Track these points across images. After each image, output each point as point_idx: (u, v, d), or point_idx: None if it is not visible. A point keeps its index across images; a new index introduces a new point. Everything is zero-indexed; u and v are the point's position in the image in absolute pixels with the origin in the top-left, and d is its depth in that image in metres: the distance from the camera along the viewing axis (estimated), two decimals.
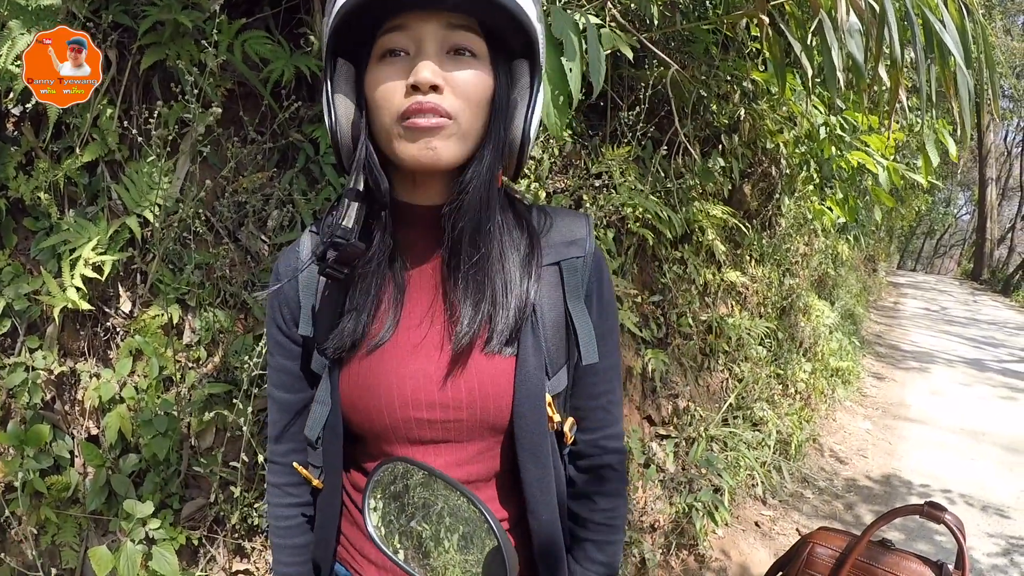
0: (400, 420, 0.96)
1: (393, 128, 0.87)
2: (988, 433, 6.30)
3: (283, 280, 1.03)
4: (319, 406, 1.01)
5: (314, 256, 0.95)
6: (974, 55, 2.43)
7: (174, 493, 2.12)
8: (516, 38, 0.91)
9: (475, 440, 0.98)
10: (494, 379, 0.95)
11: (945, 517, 1.37)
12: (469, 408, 0.95)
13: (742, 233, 4.82)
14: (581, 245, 1.02)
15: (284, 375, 1.08)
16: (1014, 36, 21.17)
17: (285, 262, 1.05)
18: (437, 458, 0.97)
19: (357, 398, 0.97)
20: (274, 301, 1.06)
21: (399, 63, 0.87)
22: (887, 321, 13.20)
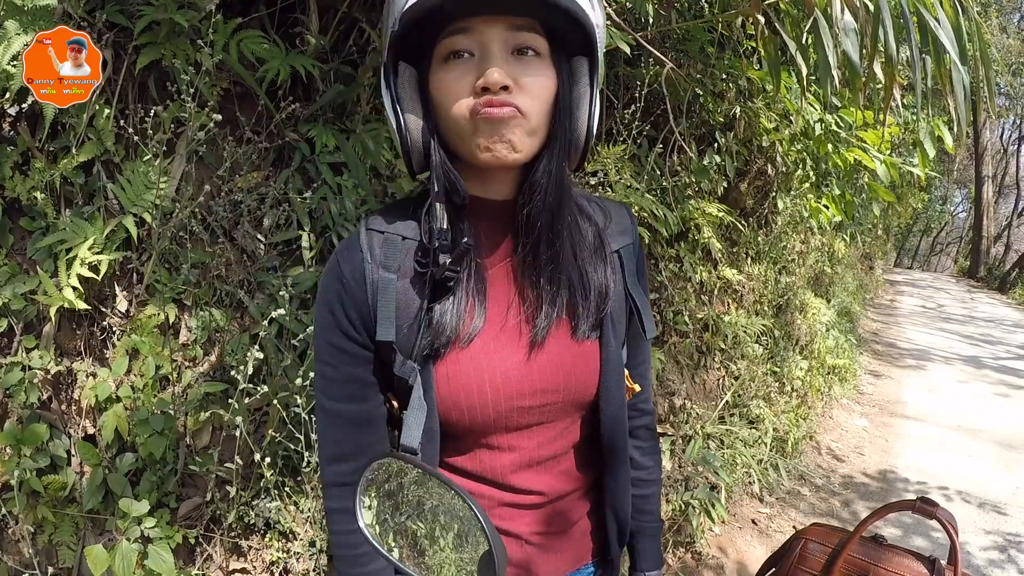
0: (504, 411, 1.00)
1: (465, 126, 0.89)
2: (985, 430, 6.31)
3: (351, 284, 0.97)
4: (415, 412, 0.96)
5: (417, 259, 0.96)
6: (969, 52, 2.44)
7: (170, 492, 2.12)
8: (576, 36, 0.92)
9: (563, 418, 1.06)
10: (585, 361, 1.03)
11: (937, 513, 1.37)
12: (565, 391, 1.02)
13: (738, 231, 4.82)
14: (630, 233, 1.12)
15: (352, 385, 1.01)
16: (1010, 34, 21.18)
17: (350, 265, 0.97)
18: (530, 440, 1.04)
19: (459, 396, 0.98)
20: (336, 306, 0.98)
21: (465, 65, 0.88)
22: (884, 319, 13.22)
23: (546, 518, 1.10)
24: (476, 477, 1.05)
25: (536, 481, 1.07)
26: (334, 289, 0.98)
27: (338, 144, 2.32)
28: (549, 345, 1.01)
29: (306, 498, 2.23)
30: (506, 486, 1.06)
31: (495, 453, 1.04)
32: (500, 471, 1.05)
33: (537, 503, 1.08)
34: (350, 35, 2.48)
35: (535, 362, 1.00)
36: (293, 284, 2.21)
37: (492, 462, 1.04)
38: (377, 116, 2.48)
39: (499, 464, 1.04)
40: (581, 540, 1.16)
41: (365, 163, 2.37)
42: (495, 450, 1.04)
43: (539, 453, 1.05)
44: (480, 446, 1.04)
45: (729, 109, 4.04)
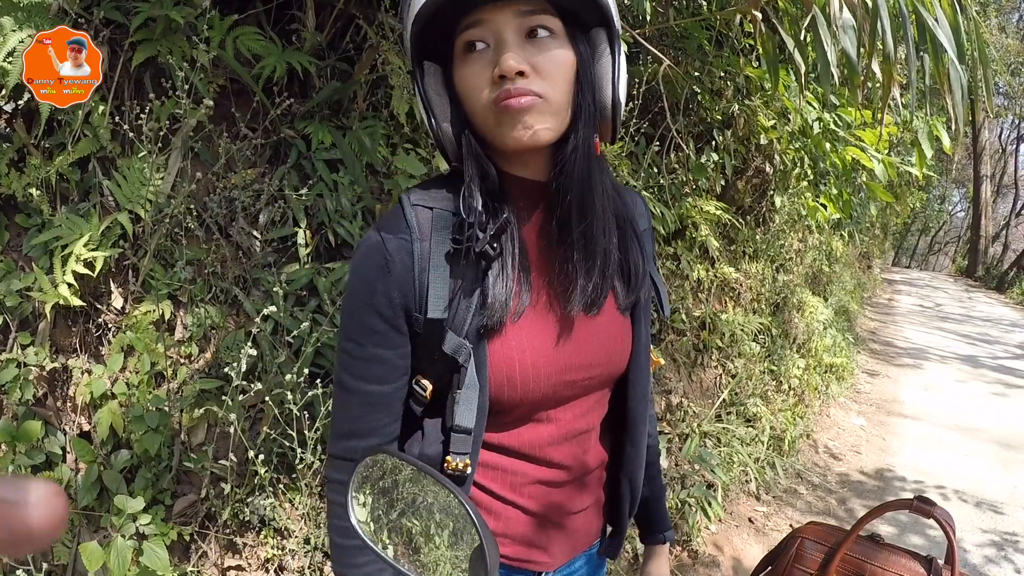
0: (555, 384, 1.01)
1: (489, 116, 0.91)
2: (982, 429, 6.32)
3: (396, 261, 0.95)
4: (469, 390, 0.96)
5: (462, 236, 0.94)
6: (967, 51, 2.44)
7: (165, 489, 2.12)
8: (589, 10, 0.94)
9: (596, 391, 1.10)
10: (621, 336, 1.08)
11: (935, 512, 1.37)
12: (604, 365, 1.06)
13: (736, 229, 4.83)
14: (647, 218, 1.19)
15: (377, 366, 0.98)
16: (1009, 33, 21.20)
17: (395, 241, 0.95)
18: (568, 412, 1.07)
19: (514, 372, 0.98)
20: (377, 284, 0.95)
21: (482, 55, 0.91)
22: (881, 318, 13.23)
23: (571, 495, 1.12)
24: (514, 452, 1.06)
25: (568, 455, 1.09)
26: (376, 265, 0.95)
27: (334, 141, 2.31)
28: (590, 320, 1.04)
29: (301, 495, 2.23)
30: (542, 460, 1.07)
31: (535, 426, 1.05)
32: (540, 444, 1.06)
33: (565, 479, 1.10)
34: (347, 32, 2.47)
35: (579, 336, 1.03)
36: (288, 281, 2.21)
37: (533, 435, 1.05)
38: (373, 113, 2.48)
39: (540, 437, 1.06)
40: (597, 517, 1.21)
41: (361, 160, 2.36)
42: (535, 423, 1.05)
43: (575, 426, 1.08)
44: (525, 421, 1.05)
45: (727, 107, 4.04)
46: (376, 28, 2.37)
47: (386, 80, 2.42)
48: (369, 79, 2.42)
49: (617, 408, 1.15)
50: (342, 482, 0.97)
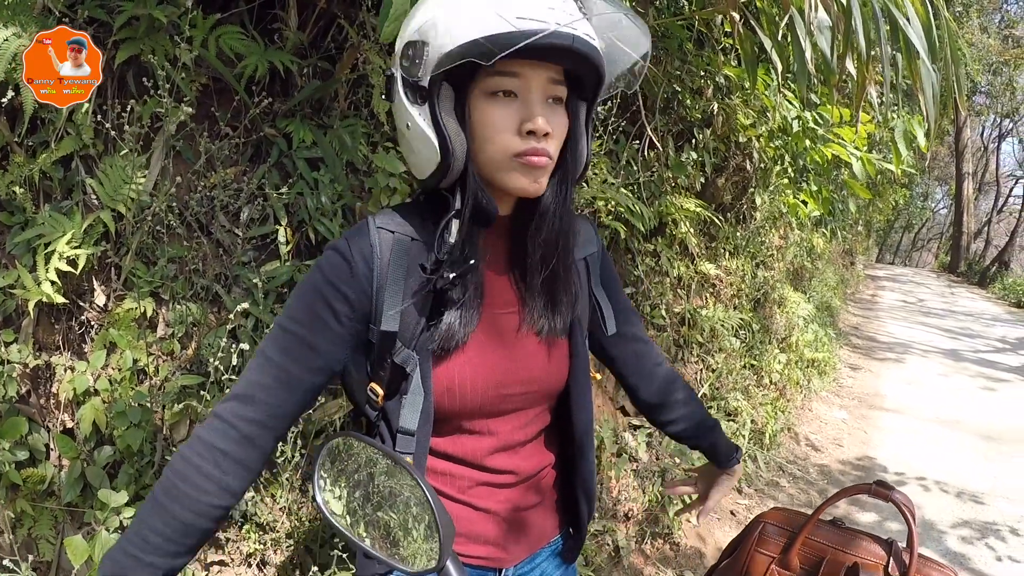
0: (491, 398, 1.10)
1: (505, 163, 1.00)
2: (963, 422, 6.42)
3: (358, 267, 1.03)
4: (414, 396, 1.04)
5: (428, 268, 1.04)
6: (940, 51, 2.48)
7: (148, 485, 2.13)
8: (590, 79, 1.03)
9: (535, 406, 1.19)
10: (560, 356, 1.18)
11: (893, 495, 1.40)
12: (540, 382, 1.15)
13: (716, 226, 4.87)
14: (595, 243, 1.28)
15: (308, 352, 1.03)
16: (990, 34, 21.35)
17: (360, 252, 1.04)
18: (507, 425, 1.15)
19: (453, 383, 1.07)
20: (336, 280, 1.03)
21: (509, 103, 0.98)
22: (864, 313, 13.34)
23: (518, 496, 1.20)
24: (456, 459, 1.14)
25: (509, 463, 1.17)
26: (340, 265, 1.04)
27: (315, 139, 2.33)
28: (531, 342, 1.14)
29: (282, 489, 2.25)
30: (483, 467, 1.15)
31: (476, 437, 1.13)
32: (479, 454, 1.14)
33: (510, 482, 1.18)
34: (328, 31, 2.49)
35: (519, 357, 1.13)
36: (269, 278, 2.23)
37: (472, 445, 1.13)
38: (354, 111, 2.50)
39: (479, 447, 1.14)
40: (550, 515, 1.29)
41: (342, 158, 2.38)
42: (476, 435, 1.13)
43: (514, 437, 1.16)
44: (463, 431, 1.13)
45: (707, 105, 4.08)
46: (357, 28, 2.38)
47: (367, 79, 2.44)
48: (350, 78, 2.44)
49: (564, 422, 1.25)
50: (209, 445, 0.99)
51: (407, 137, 1.02)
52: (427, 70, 0.95)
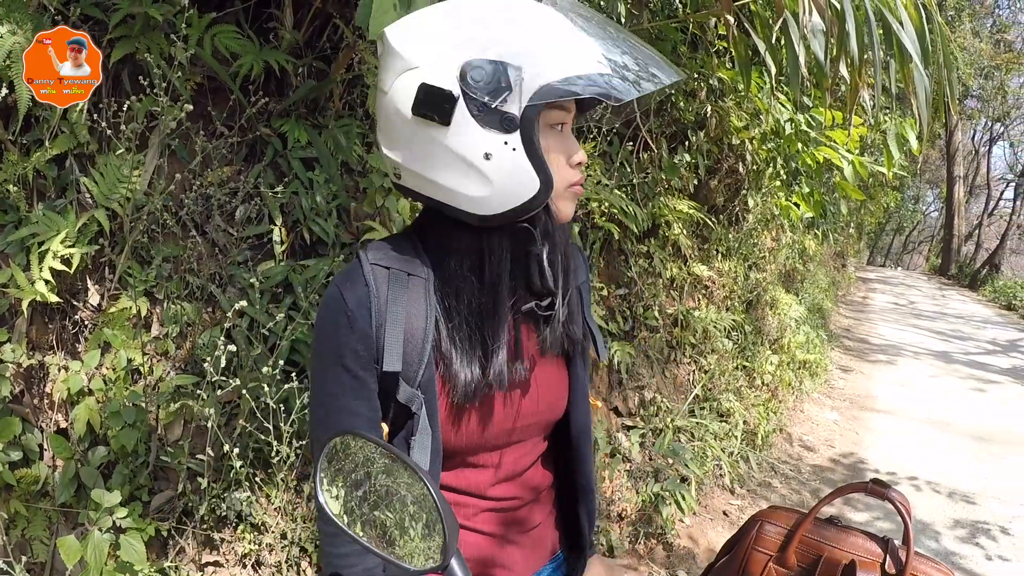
0: (495, 433, 1.09)
1: (562, 192, 1.03)
2: (954, 423, 6.45)
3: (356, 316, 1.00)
4: (422, 435, 1.01)
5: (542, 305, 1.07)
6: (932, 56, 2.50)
7: (143, 485, 2.13)
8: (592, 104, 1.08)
9: (535, 435, 1.18)
10: (560, 385, 1.17)
11: (890, 494, 1.41)
12: (545, 412, 1.15)
13: (709, 228, 4.89)
14: (584, 270, 1.25)
15: (353, 418, 1.02)
16: (983, 38, 21.46)
17: (354, 297, 1.00)
18: (508, 456, 1.14)
19: (460, 420, 1.06)
20: (343, 339, 1.00)
21: (560, 136, 1.01)
22: (856, 315, 13.39)
23: (524, 516, 1.20)
24: (460, 491, 1.13)
25: (510, 491, 1.16)
26: (339, 322, 1.00)
27: (310, 139, 2.33)
28: (537, 372, 1.13)
29: (277, 489, 2.25)
30: (486, 497, 1.14)
31: (478, 471, 1.13)
32: (482, 486, 1.13)
33: (515, 507, 1.18)
34: (324, 31, 2.49)
35: (522, 389, 1.11)
36: (264, 278, 2.23)
37: (475, 478, 1.12)
38: (349, 111, 2.50)
39: (481, 480, 1.13)
40: (552, 533, 1.28)
41: (337, 158, 2.39)
42: (478, 468, 1.12)
43: (515, 467, 1.16)
44: (466, 464, 1.12)
45: (700, 108, 4.10)
46: (353, 27, 2.39)
47: (362, 79, 2.44)
48: (345, 78, 2.44)
49: (565, 447, 1.24)
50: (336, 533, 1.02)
51: (480, 167, 0.94)
52: (520, 98, 0.92)
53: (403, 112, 0.94)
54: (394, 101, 0.95)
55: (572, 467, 1.25)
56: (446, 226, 1.03)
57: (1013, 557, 3.99)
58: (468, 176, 0.95)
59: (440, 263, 1.04)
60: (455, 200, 0.97)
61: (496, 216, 0.98)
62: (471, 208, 0.97)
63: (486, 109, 0.92)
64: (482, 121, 0.92)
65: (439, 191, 0.98)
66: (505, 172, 0.94)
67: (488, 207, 0.97)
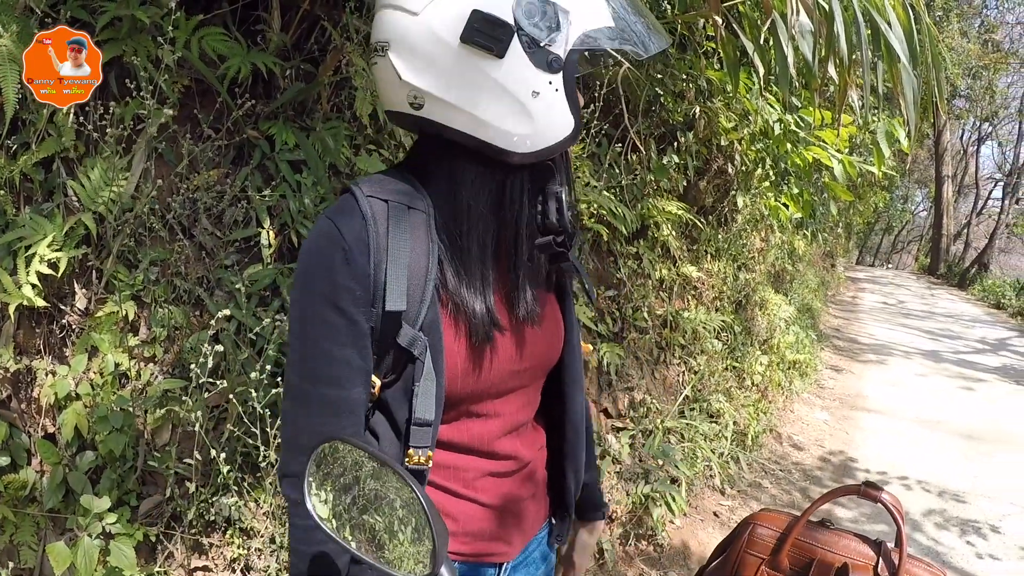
0: (503, 375, 1.06)
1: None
2: (944, 422, 6.49)
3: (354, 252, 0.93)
4: (427, 382, 0.96)
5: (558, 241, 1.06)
6: (920, 56, 2.52)
7: (131, 490, 2.11)
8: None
9: (535, 382, 1.16)
10: (557, 325, 1.15)
11: (882, 497, 1.42)
12: (545, 354, 1.13)
13: (698, 229, 4.90)
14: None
15: (342, 367, 0.95)
16: (971, 38, 21.59)
17: (351, 232, 0.94)
18: (511, 404, 1.11)
19: (467, 364, 1.01)
20: (338, 277, 0.93)
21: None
22: (845, 315, 13.44)
23: (519, 485, 1.16)
24: (462, 448, 1.07)
25: (514, 446, 1.13)
26: (334, 258, 0.93)
27: (298, 142, 2.33)
28: (536, 312, 1.09)
29: (265, 493, 2.24)
30: (490, 453, 1.10)
31: (482, 421, 1.08)
32: (487, 438, 1.09)
33: (513, 469, 1.14)
34: (312, 33, 2.49)
35: (525, 328, 1.08)
36: (252, 281, 2.22)
37: (479, 430, 1.08)
38: (337, 114, 2.50)
39: (486, 431, 1.08)
40: (542, 501, 1.25)
41: (324, 161, 2.38)
42: (482, 417, 1.08)
43: (517, 417, 1.12)
44: (469, 415, 1.07)
45: (689, 109, 4.11)
46: (340, 30, 2.39)
47: (350, 82, 2.44)
48: (333, 80, 2.44)
49: (555, 395, 1.21)
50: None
51: (527, 105, 0.93)
52: (566, 40, 0.92)
53: (445, 38, 0.90)
54: (431, 25, 0.90)
55: (562, 420, 1.22)
56: (459, 161, 0.99)
57: (1004, 555, 4.02)
58: (514, 112, 0.93)
59: (448, 198, 1.00)
60: (492, 134, 0.94)
61: (531, 154, 0.96)
62: (507, 144, 0.94)
63: (536, 47, 0.91)
64: (532, 58, 0.91)
65: (476, 124, 0.93)
66: (547, 112, 0.94)
67: (525, 145, 0.95)
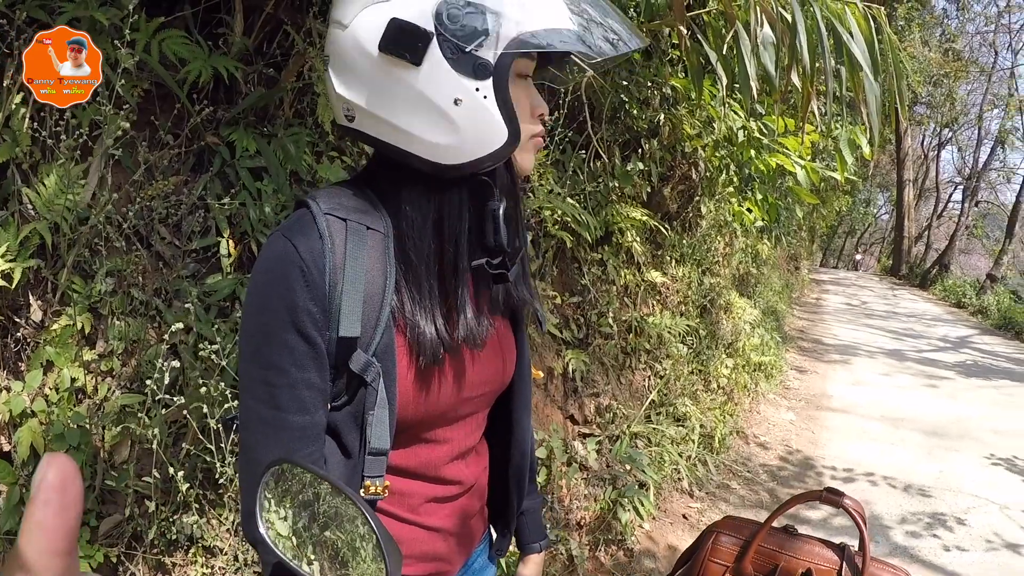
0: (455, 403, 1.03)
1: (526, 143, 1.00)
2: (908, 419, 6.65)
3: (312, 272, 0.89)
4: (381, 410, 0.93)
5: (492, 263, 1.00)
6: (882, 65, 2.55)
7: (90, 510, 2.05)
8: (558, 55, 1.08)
9: (487, 407, 1.14)
10: (510, 350, 1.13)
11: (844, 502, 1.44)
12: (497, 381, 1.11)
13: (662, 235, 4.93)
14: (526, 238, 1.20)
15: (305, 392, 0.91)
16: (932, 47, 22.04)
17: (309, 251, 0.89)
18: (460, 430, 1.08)
19: (420, 390, 0.98)
20: (296, 298, 0.89)
21: (526, 87, 0.99)
22: (810, 316, 13.65)
23: (464, 506, 1.15)
24: (410, 473, 1.05)
25: (460, 472, 1.11)
26: (292, 278, 0.89)
27: (259, 148, 2.29)
28: (493, 335, 1.07)
29: (226, 510, 2.20)
30: (436, 479, 1.08)
31: (432, 447, 1.05)
32: (434, 464, 1.06)
33: (457, 494, 1.12)
34: (275, 38, 2.46)
35: (478, 354, 1.05)
36: (211, 292, 2.18)
37: (428, 456, 1.05)
38: (299, 120, 2.47)
39: (434, 457, 1.06)
40: (482, 519, 1.24)
41: (286, 168, 2.35)
42: (432, 443, 1.05)
43: (466, 443, 1.10)
44: (420, 440, 1.04)
45: (654, 116, 4.14)
46: (304, 35, 2.36)
47: (312, 87, 2.41)
48: (295, 86, 2.41)
49: (502, 419, 1.20)
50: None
51: (449, 113, 0.89)
52: (496, 44, 0.88)
53: (367, 49, 0.88)
54: (356, 36, 0.89)
55: (508, 443, 1.20)
56: (400, 175, 0.96)
57: (971, 547, 4.12)
58: (434, 122, 0.90)
59: (399, 216, 0.97)
60: (417, 147, 0.91)
61: (459, 166, 0.93)
62: (433, 156, 0.92)
63: (460, 52, 0.88)
64: (455, 65, 0.88)
65: (400, 136, 0.91)
66: (474, 121, 0.90)
67: (453, 156, 0.92)
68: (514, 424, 1.19)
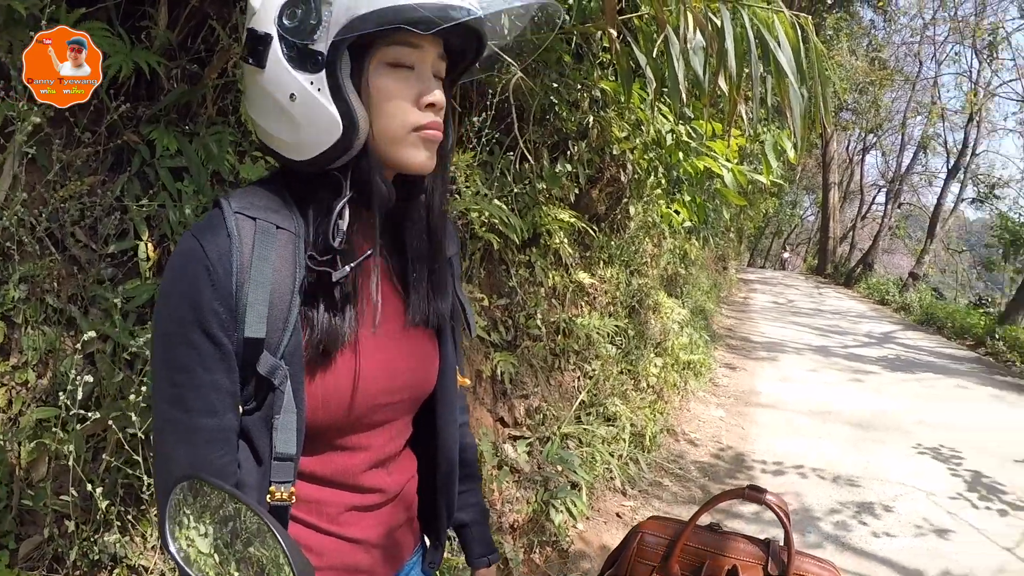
0: (368, 409, 1.01)
1: (404, 137, 0.95)
2: (835, 413, 6.87)
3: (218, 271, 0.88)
4: (288, 415, 0.91)
5: (318, 259, 0.94)
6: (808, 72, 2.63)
7: (8, 531, 1.94)
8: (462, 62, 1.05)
9: (405, 415, 1.12)
10: (429, 358, 1.12)
11: (766, 498, 1.46)
12: (416, 387, 1.10)
13: (591, 236, 4.98)
14: (456, 243, 1.22)
15: (214, 394, 0.89)
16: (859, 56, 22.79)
17: (216, 250, 0.88)
18: (379, 438, 1.07)
19: (329, 394, 0.96)
20: (201, 298, 0.88)
21: (407, 76, 0.94)
22: (738, 315, 13.96)
23: (387, 516, 1.13)
24: (326, 481, 1.03)
25: (381, 479, 1.09)
26: (198, 277, 0.88)
27: (180, 147, 2.22)
28: (408, 341, 1.07)
29: (151, 527, 2.11)
30: (354, 487, 1.06)
31: (348, 454, 1.04)
32: (351, 472, 1.05)
33: (379, 503, 1.10)
34: (200, 32, 2.38)
35: (394, 360, 1.04)
36: (129, 297, 2.10)
37: (344, 463, 1.04)
38: (222, 119, 2.40)
39: (351, 464, 1.04)
40: (412, 530, 1.22)
41: (207, 168, 2.28)
42: (348, 451, 1.04)
43: (386, 450, 1.09)
44: (334, 447, 1.02)
45: (583, 118, 4.17)
46: (229, 30, 2.30)
47: (236, 85, 2.35)
48: (219, 83, 2.34)
49: (427, 427, 1.18)
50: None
51: (289, 110, 0.90)
52: (327, 34, 0.87)
53: (243, 63, 0.94)
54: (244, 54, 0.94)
55: (434, 452, 1.18)
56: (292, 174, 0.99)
57: (899, 532, 4.29)
58: (279, 120, 0.93)
59: (303, 213, 0.97)
60: (276, 144, 0.96)
61: (309, 162, 0.94)
62: (287, 153, 0.95)
63: (295, 48, 0.89)
64: (292, 62, 0.89)
65: (265, 136, 0.96)
66: (309, 115, 0.90)
67: (299, 151, 0.94)
68: (439, 432, 1.17)
